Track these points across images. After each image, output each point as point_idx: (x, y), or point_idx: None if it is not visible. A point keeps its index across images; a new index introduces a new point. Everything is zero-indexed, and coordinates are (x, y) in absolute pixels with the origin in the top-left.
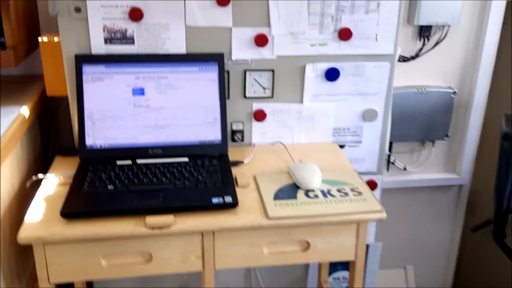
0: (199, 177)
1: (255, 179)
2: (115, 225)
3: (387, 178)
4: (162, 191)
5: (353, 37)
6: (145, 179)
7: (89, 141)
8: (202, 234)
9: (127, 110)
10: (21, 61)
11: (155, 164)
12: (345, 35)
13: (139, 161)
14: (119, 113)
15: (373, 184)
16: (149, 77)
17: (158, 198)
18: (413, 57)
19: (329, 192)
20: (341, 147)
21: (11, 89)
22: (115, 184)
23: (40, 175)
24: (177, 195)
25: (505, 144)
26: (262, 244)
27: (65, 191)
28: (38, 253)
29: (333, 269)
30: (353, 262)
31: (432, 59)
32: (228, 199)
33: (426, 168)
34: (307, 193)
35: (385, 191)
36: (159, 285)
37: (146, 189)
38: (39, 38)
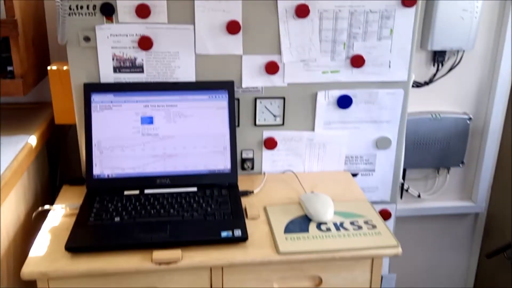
0: (208, 209)
1: (265, 210)
2: (121, 259)
3: (400, 206)
4: (169, 224)
5: (365, 64)
6: (152, 211)
7: (96, 171)
8: (211, 270)
9: (135, 139)
10: (29, 90)
11: (163, 194)
12: (357, 62)
13: (146, 191)
14: (127, 142)
15: (387, 214)
16: (158, 106)
17: (166, 231)
18: (427, 83)
19: (342, 225)
20: (354, 175)
21: (19, 116)
22: (122, 215)
23: (46, 206)
24: (185, 228)
25: None
26: (273, 279)
27: (71, 222)
28: None
29: None
30: None
31: (447, 84)
32: (238, 232)
33: (441, 195)
34: (319, 225)
35: (399, 219)
36: None
37: (153, 221)
38: (48, 67)
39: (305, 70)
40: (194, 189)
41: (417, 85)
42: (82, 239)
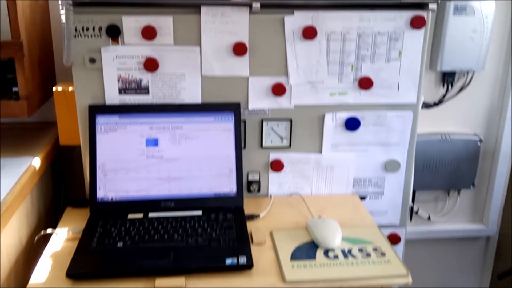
0: (212, 234)
1: (271, 235)
2: (123, 287)
3: (410, 229)
4: (173, 250)
5: (374, 86)
6: (156, 235)
7: (100, 194)
8: None
9: (140, 162)
10: (34, 111)
11: (167, 218)
12: (365, 84)
13: (151, 214)
14: (132, 164)
15: (396, 238)
16: (163, 128)
17: (169, 257)
18: (436, 104)
19: (350, 252)
20: (362, 198)
21: (23, 136)
22: (125, 241)
23: (48, 230)
24: (189, 254)
25: None
26: None
27: (73, 247)
28: None
29: None
30: None
31: (457, 105)
32: (243, 260)
33: (451, 218)
34: (326, 252)
35: (408, 242)
36: None
37: (156, 246)
38: (53, 87)
39: (312, 92)
40: (199, 212)
41: (426, 106)
42: (83, 266)
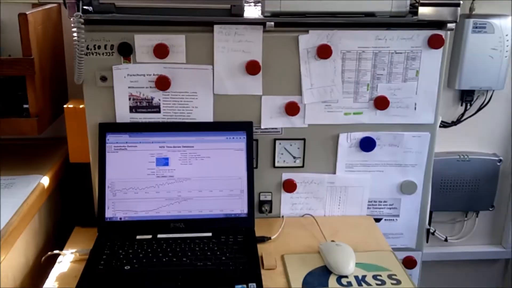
0: (222, 258)
1: (282, 259)
2: None
3: (426, 250)
4: (181, 274)
5: (390, 106)
6: (164, 258)
7: (108, 214)
8: None
9: (149, 181)
10: (45, 129)
11: (176, 240)
12: (381, 104)
13: (159, 235)
14: (142, 184)
15: (412, 262)
16: (174, 147)
17: (177, 282)
18: (454, 123)
19: (364, 279)
20: (377, 220)
21: (33, 153)
22: (132, 263)
23: (56, 251)
24: (197, 279)
25: None
26: None
27: (80, 269)
28: None
29: None
30: None
31: (475, 124)
32: (253, 286)
33: (469, 240)
34: (339, 279)
35: (425, 264)
36: None
37: (164, 270)
38: (65, 105)
39: (326, 111)
40: (209, 234)
41: (444, 125)
42: None
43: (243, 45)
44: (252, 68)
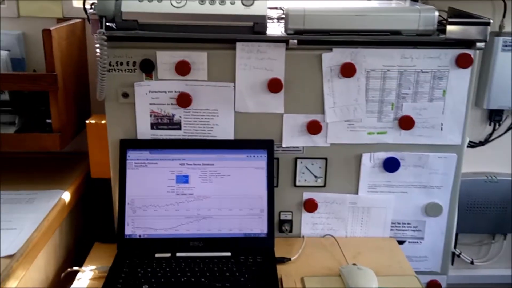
0: (241, 279)
1: (302, 281)
2: None
3: (451, 273)
4: None
5: (415, 126)
6: (182, 278)
7: (128, 231)
8: None
9: (169, 199)
10: (67, 144)
11: (195, 259)
12: (406, 124)
13: (178, 254)
14: (161, 201)
15: (437, 286)
16: (195, 164)
17: None
18: (482, 143)
19: None
20: (400, 243)
21: (55, 167)
22: (151, 283)
23: (75, 268)
24: None
25: None
26: None
27: (99, 286)
28: None
29: None
30: None
31: (504, 144)
32: None
33: (496, 263)
34: None
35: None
36: None
37: None
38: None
39: (349, 131)
40: (228, 253)
41: (471, 145)
42: None
43: (265, 62)
44: (274, 86)
